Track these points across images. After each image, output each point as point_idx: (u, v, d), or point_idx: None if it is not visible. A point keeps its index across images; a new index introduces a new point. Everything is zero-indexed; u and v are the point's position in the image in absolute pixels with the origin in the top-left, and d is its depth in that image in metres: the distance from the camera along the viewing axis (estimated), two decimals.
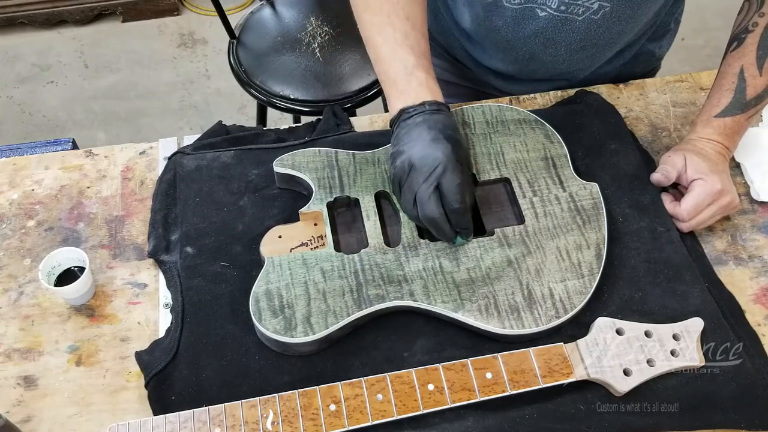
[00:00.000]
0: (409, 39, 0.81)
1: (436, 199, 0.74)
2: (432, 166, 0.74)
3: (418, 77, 0.79)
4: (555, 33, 0.92)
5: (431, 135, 0.75)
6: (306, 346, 0.74)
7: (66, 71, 2.33)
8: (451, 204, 0.74)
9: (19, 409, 0.73)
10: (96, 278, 0.83)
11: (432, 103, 0.78)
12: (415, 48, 0.81)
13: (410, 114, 0.77)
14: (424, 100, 0.78)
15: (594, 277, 0.78)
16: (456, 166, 0.74)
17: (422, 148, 0.75)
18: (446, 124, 0.77)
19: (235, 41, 1.61)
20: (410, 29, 0.81)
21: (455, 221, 0.76)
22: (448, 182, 0.74)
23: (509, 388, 0.70)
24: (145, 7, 2.42)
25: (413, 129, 0.76)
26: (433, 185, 0.74)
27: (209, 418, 0.67)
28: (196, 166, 0.90)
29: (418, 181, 0.74)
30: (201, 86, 2.30)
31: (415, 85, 0.79)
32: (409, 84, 0.79)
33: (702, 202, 0.84)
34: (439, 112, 0.78)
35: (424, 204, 0.74)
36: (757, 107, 0.87)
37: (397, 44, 0.80)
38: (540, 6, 0.89)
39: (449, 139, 0.76)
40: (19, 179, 0.92)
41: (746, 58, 0.86)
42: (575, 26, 0.91)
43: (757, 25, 0.85)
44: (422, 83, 0.79)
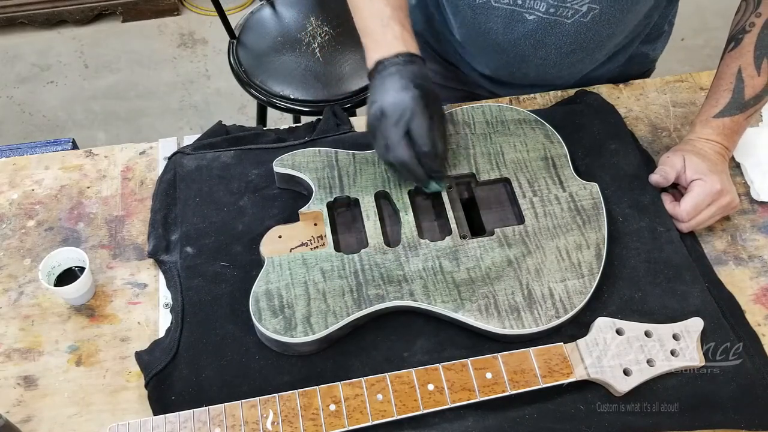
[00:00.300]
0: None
1: (406, 143, 0.76)
2: (401, 111, 0.76)
3: (393, 29, 0.81)
4: (544, 35, 0.92)
5: (401, 83, 0.77)
6: (306, 346, 0.74)
7: (66, 71, 2.33)
8: (421, 147, 0.77)
9: (19, 409, 0.73)
10: (96, 278, 0.83)
11: (405, 55, 0.80)
12: (392, 2, 0.83)
13: (385, 66, 0.79)
14: (398, 52, 0.80)
15: (594, 277, 0.78)
16: (424, 111, 0.76)
17: (392, 96, 0.77)
18: (417, 73, 0.79)
19: (235, 41, 1.61)
20: None
21: (426, 165, 0.78)
22: (417, 126, 0.76)
23: (509, 388, 0.70)
24: (145, 7, 2.42)
25: (386, 79, 0.79)
26: (402, 129, 0.76)
27: (209, 418, 0.67)
28: (196, 166, 0.90)
29: (389, 126, 0.77)
30: (201, 86, 2.30)
31: (390, 38, 0.81)
32: (384, 36, 0.81)
33: (701, 203, 0.84)
34: (411, 63, 0.79)
35: (395, 148, 0.77)
36: (756, 107, 0.87)
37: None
38: (528, 10, 0.89)
39: (418, 87, 0.77)
40: (19, 179, 0.92)
41: (744, 58, 0.86)
42: (564, 29, 0.91)
43: (754, 25, 0.85)
44: (397, 35, 0.81)
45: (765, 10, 0.84)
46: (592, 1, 0.86)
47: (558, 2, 0.87)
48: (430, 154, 0.77)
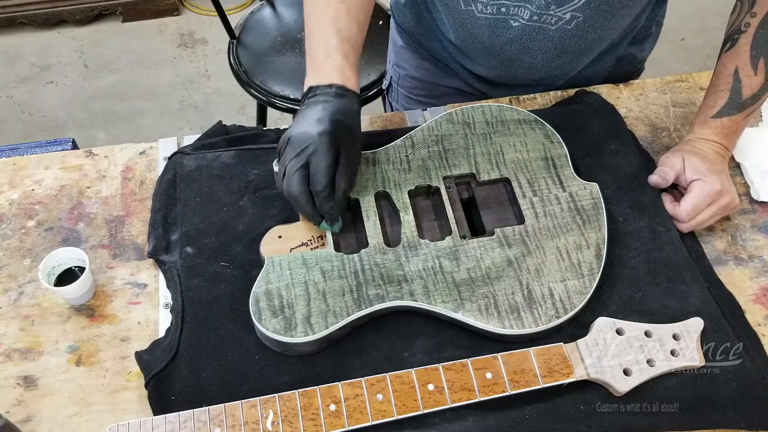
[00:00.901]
0: (339, 21, 0.81)
1: (300, 177, 0.74)
2: (304, 142, 0.74)
3: (334, 60, 0.79)
4: (530, 41, 0.92)
5: (318, 116, 0.75)
6: (306, 346, 0.74)
7: (66, 71, 2.33)
8: (315, 185, 0.74)
9: (19, 409, 0.73)
10: (96, 278, 0.83)
11: (339, 87, 0.77)
12: (342, 31, 0.80)
13: (315, 93, 0.78)
14: (331, 83, 0.77)
15: (594, 277, 0.78)
16: (329, 149, 0.73)
17: (303, 126, 0.75)
18: (341, 108, 0.76)
19: (235, 41, 1.61)
20: (343, 12, 0.81)
21: (318, 204, 0.75)
22: (316, 162, 0.73)
23: (509, 388, 0.70)
24: (145, 7, 2.42)
25: (309, 108, 0.76)
26: (300, 162, 0.74)
27: (209, 418, 0.67)
28: (196, 166, 0.90)
29: (290, 156, 0.74)
30: (201, 86, 2.30)
31: (329, 67, 0.79)
32: (324, 64, 0.79)
33: (701, 203, 0.84)
34: (341, 96, 0.77)
35: (289, 179, 0.74)
36: (754, 106, 0.87)
37: (325, 23, 0.81)
38: (512, 17, 0.89)
39: (334, 122, 0.75)
40: (19, 179, 0.92)
41: (740, 58, 0.86)
42: (549, 35, 0.91)
43: (749, 25, 0.85)
44: (336, 66, 0.79)
45: (760, 10, 0.84)
46: (576, 9, 0.86)
47: (541, 10, 0.87)
48: (322, 194, 0.74)
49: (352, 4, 0.82)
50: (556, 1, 0.86)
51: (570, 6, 0.86)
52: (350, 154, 0.77)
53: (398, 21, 1.13)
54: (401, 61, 1.17)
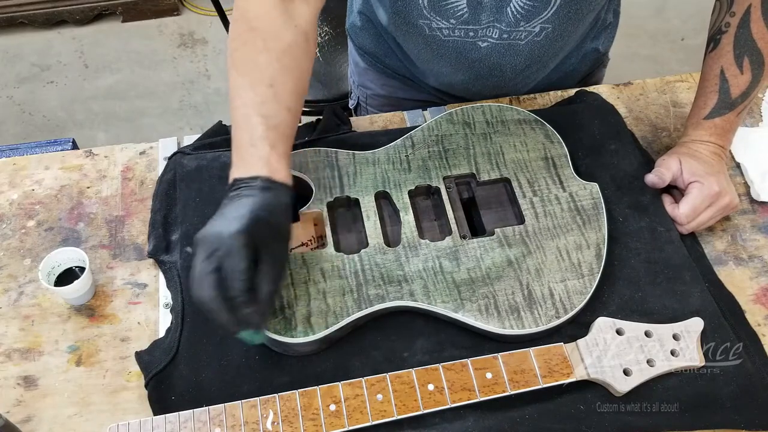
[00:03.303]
0: (265, 107, 0.73)
1: (210, 282, 0.64)
2: (213, 244, 0.65)
3: (259, 149, 0.71)
4: (499, 57, 0.92)
5: (237, 212, 0.66)
6: (306, 346, 0.74)
7: (66, 71, 2.33)
8: (229, 291, 0.64)
9: (19, 409, 0.73)
10: (96, 278, 0.83)
11: (264, 179, 0.69)
12: (268, 118, 0.72)
13: (239, 186, 0.69)
14: (256, 175, 0.69)
15: (594, 277, 0.78)
16: (244, 250, 0.64)
17: (217, 224, 0.66)
18: (265, 202, 0.68)
19: None
20: (270, 98, 0.73)
21: (237, 312, 0.65)
22: (230, 265, 0.64)
23: (509, 388, 0.70)
24: (145, 7, 2.42)
25: (231, 202, 0.69)
26: (212, 265, 0.64)
27: (209, 418, 0.67)
28: (196, 166, 0.90)
29: (200, 258, 0.65)
30: (201, 86, 2.31)
31: (255, 158, 0.71)
32: (249, 155, 0.71)
33: (700, 205, 0.84)
34: (267, 189, 0.69)
35: (198, 283, 0.64)
36: (745, 103, 0.87)
37: (251, 111, 0.72)
38: (481, 39, 0.89)
39: (253, 218, 0.66)
40: (19, 179, 0.92)
41: (724, 58, 0.86)
42: (518, 49, 0.90)
43: (729, 25, 0.85)
44: (262, 157, 0.71)
45: (738, 9, 0.84)
46: (545, 21, 0.86)
47: (511, 28, 0.86)
48: (238, 300, 0.64)
49: (281, 88, 0.74)
50: (525, 17, 0.84)
51: (539, 19, 0.85)
52: (273, 253, 0.68)
53: (357, 44, 1.11)
54: (366, 81, 1.16)
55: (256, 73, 0.74)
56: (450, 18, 0.86)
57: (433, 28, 0.88)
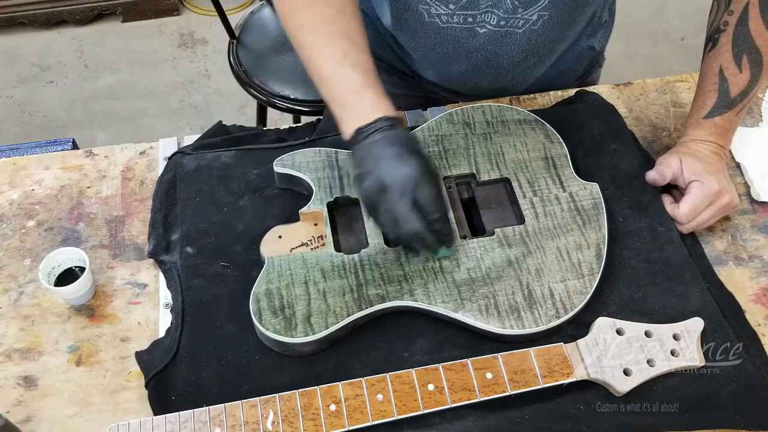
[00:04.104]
0: (350, 56, 0.77)
1: (416, 215, 0.72)
2: (405, 182, 0.72)
3: (366, 95, 0.76)
4: (497, 46, 0.91)
5: (394, 151, 0.73)
6: (306, 346, 0.74)
7: (66, 71, 2.33)
8: (431, 215, 0.72)
9: (19, 409, 0.73)
10: (96, 278, 0.83)
11: (386, 119, 0.75)
12: (357, 66, 0.77)
13: (366, 133, 0.74)
14: (377, 117, 0.75)
15: (594, 277, 0.78)
16: (427, 178, 0.73)
17: (390, 167, 0.72)
18: (405, 138, 0.75)
19: (235, 41, 1.61)
20: (350, 46, 0.78)
21: (437, 231, 0.74)
22: (424, 194, 0.72)
23: (509, 388, 0.70)
24: (145, 7, 2.42)
25: (373, 147, 0.74)
26: (410, 201, 0.71)
27: (209, 418, 0.67)
28: (196, 166, 0.90)
29: (394, 199, 0.72)
30: (201, 86, 2.30)
31: (366, 104, 0.76)
32: (359, 102, 0.76)
33: (700, 204, 0.84)
34: (393, 127, 0.75)
35: (406, 221, 0.72)
36: (744, 102, 0.87)
37: (338, 63, 0.77)
38: (480, 24, 0.88)
39: (414, 152, 0.74)
40: (19, 179, 0.92)
41: (723, 57, 0.86)
42: (515, 38, 0.90)
43: (728, 24, 0.85)
44: (372, 101, 0.76)
45: (736, 8, 0.84)
46: (542, 9, 0.86)
47: (509, 14, 0.86)
48: (441, 220, 0.74)
49: (354, 35, 0.79)
50: (523, 4, 0.84)
51: (537, 7, 0.85)
52: (436, 174, 0.76)
53: None
54: None
55: (328, 27, 0.78)
56: (449, 2, 0.86)
57: (432, 14, 0.88)
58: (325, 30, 0.78)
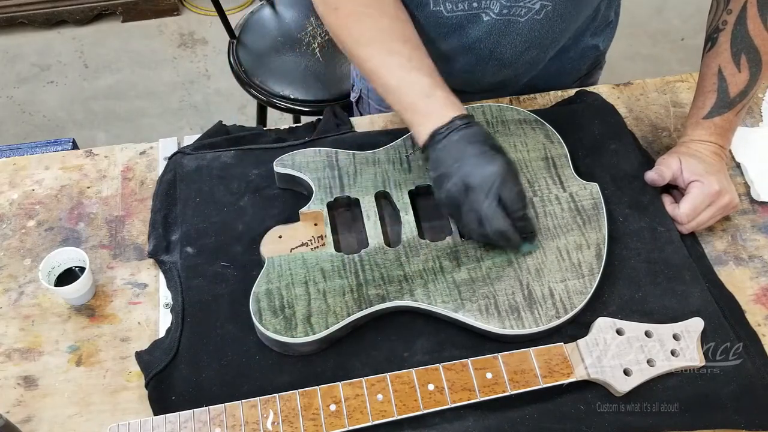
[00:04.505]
0: (414, 60, 0.79)
1: (501, 212, 0.73)
2: (490, 181, 0.73)
3: (438, 96, 0.77)
4: (499, 35, 0.91)
5: (476, 150, 0.74)
6: (306, 346, 0.74)
7: (66, 71, 2.33)
8: (516, 213, 0.74)
9: (19, 409, 0.73)
10: (96, 278, 0.83)
11: (461, 118, 0.76)
12: (423, 68, 0.78)
13: (444, 134, 0.76)
14: (453, 117, 0.76)
15: (594, 277, 0.78)
16: (512, 176, 0.74)
17: (473, 166, 0.73)
18: (484, 135, 0.76)
19: (235, 41, 1.61)
20: (412, 50, 0.79)
21: (522, 228, 0.76)
22: (508, 192, 0.73)
23: (509, 388, 0.70)
24: (145, 7, 2.42)
25: (452, 148, 0.75)
26: (495, 199, 0.73)
27: (209, 418, 0.67)
28: (196, 166, 0.90)
29: (480, 199, 0.73)
30: (201, 86, 2.30)
31: (439, 105, 0.77)
32: (432, 105, 0.77)
33: (700, 204, 0.84)
34: (470, 125, 0.76)
35: (491, 219, 0.73)
36: (743, 102, 0.87)
37: (404, 70, 0.78)
38: (484, 10, 0.88)
39: (495, 149, 0.75)
40: (19, 179, 0.92)
41: (722, 56, 0.86)
42: (518, 27, 0.89)
43: (726, 23, 0.85)
44: (445, 101, 0.77)
45: (735, 6, 0.84)
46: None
47: (511, 3, 0.86)
48: (526, 217, 0.75)
49: (412, 39, 0.80)
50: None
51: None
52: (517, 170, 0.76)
53: None
54: None
55: (386, 36, 0.80)
56: None
57: (438, 2, 0.88)
58: (384, 39, 0.80)
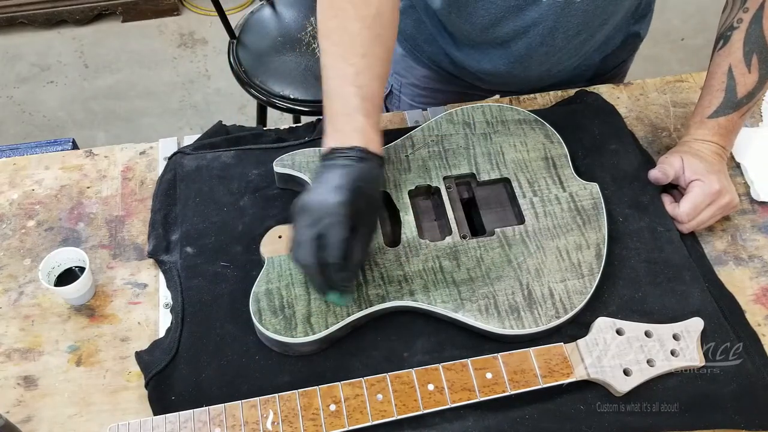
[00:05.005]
0: (360, 78, 0.75)
1: (311, 247, 0.68)
2: (320, 212, 0.69)
3: (356, 120, 0.74)
4: (555, 20, 0.89)
5: (337, 182, 0.70)
6: (306, 346, 0.74)
7: (66, 71, 2.33)
8: (326, 257, 0.68)
9: (19, 409, 0.73)
10: (96, 278, 0.83)
11: (360, 150, 0.72)
12: (363, 88, 0.75)
13: (335, 156, 0.73)
14: (353, 145, 0.73)
15: (594, 277, 0.78)
16: (345, 221, 0.68)
17: (319, 194, 0.70)
18: (362, 174, 0.71)
19: (235, 41, 1.61)
20: (364, 68, 0.76)
21: (329, 275, 0.70)
22: (332, 234, 0.68)
23: (509, 388, 0.70)
24: (145, 7, 2.42)
25: (328, 171, 0.72)
26: (314, 232, 0.68)
27: (209, 418, 0.67)
28: (196, 166, 0.90)
29: (302, 223, 0.69)
30: (201, 86, 2.30)
31: (351, 129, 0.74)
32: (345, 125, 0.74)
33: (701, 203, 0.84)
34: (362, 160, 0.72)
35: (300, 248, 0.69)
36: (749, 104, 0.86)
37: (345, 81, 0.76)
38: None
39: (354, 190, 0.70)
40: (19, 179, 0.92)
41: (733, 55, 0.85)
42: (573, 9, 0.88)
43: (741, 21, 0.84)
44: (358, 128, 0.74)
45: (752, 5, 0.84)
46: None
47: None
48: (334, 267, 0.69)
49: (372, 58, 0.77)
50: None
51: None
52: (368, 224, 0.73)
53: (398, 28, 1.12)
54: (401, 69, 1.16)
55: (349, 42, 0.77)
56: None
57: None
58: (347, 43, 0.77)
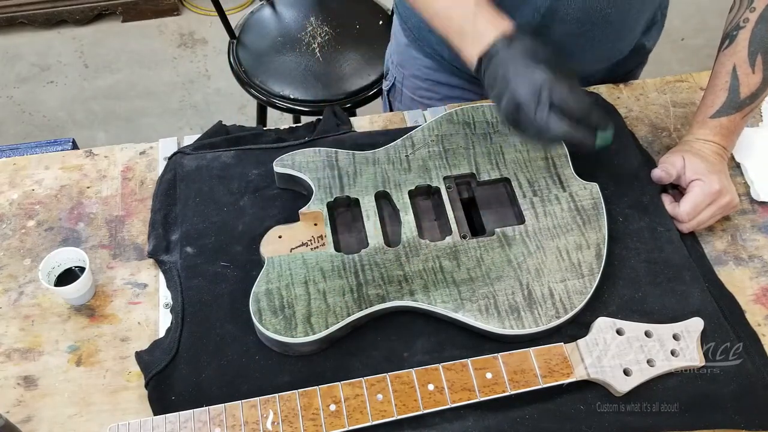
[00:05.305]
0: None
1: (556, 117, 0.72)
2: (535, 92, 0.72)
3: (482, 18, 0.77)
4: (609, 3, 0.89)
5: (521, 64, 0.73)
6: (306, 346, 0.74)
7: (66, 71, 2.33)
8: (573, 112, 0.72)
9: (19, 409, 0.73)
10: (96, 278, 0.83)
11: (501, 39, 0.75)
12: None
13: (491, 56, 0.75)
14: (494, 39, 0.75)
15: (594, 277, 0.78)
16: (557, 78, 0.72)
17: (519, 80, 0.73)
18: (526, 47, 0.75)
19: (235, 41, 1.61)
20: None
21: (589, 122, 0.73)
22: (559, 94, 0.72)
23: (509, 388, 0.70)
24: (145, 7, 2.42)
25: (499, 68, 0.75)
26: (545, 107, 0.72)
27: (209, 418, 0.67)
28: (196, 166, 0.90)
29: (531, 111, 0.72)
30: (201, 86, 2.30)
31: (482, 28, 0.77)
32: (476, 28, 0.77)
33: (701, 203, 0.84)
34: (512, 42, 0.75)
35: (548, 128, 0.72)
36: (752, 105, 0.86)
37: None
38: None
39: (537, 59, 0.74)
40: (19, 179, 0.92)
41: (738, 55, 0.85)
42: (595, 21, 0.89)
43: (748, 20, 0.84)
44: (487, 22, 0.77)
45: (759, 4, 0.84)
46: None
47: None
48: (585, 111, 0.73)
49: None
50: None
51: None
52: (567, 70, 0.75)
53: (403, 17, 1.11)
54: (404, 60, 1.16)
55: None
56: None
57: None
58: None
